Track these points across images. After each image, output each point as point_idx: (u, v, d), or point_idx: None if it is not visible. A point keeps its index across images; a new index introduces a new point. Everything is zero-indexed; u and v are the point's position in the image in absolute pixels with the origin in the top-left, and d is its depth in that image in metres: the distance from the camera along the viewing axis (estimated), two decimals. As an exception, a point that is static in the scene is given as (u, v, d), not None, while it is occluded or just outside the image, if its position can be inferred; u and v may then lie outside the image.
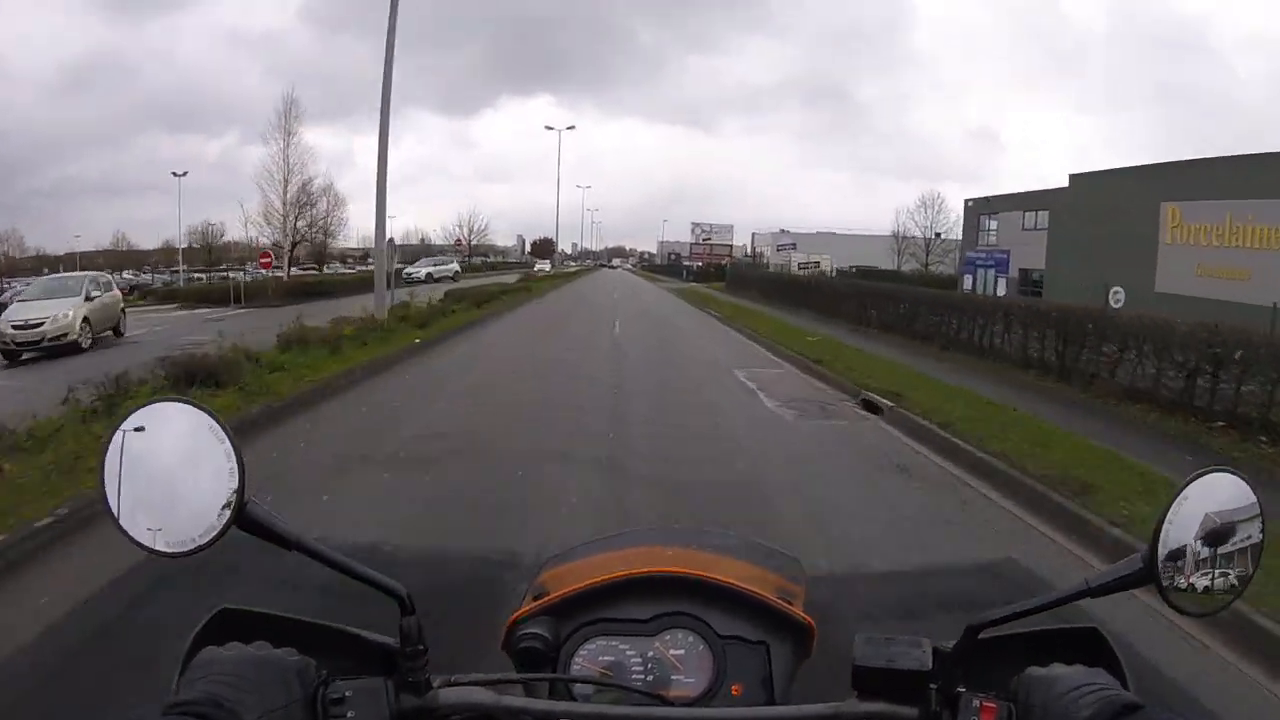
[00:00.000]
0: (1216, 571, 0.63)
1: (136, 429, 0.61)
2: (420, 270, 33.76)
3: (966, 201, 34.47)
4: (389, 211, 11.45)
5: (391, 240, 12.59)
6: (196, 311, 18.60)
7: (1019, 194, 30.74)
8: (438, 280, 31.43)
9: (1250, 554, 0.63)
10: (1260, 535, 0.63)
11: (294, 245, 31.46)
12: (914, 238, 42.78)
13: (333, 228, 37.29)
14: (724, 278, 40.88)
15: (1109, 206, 23.40)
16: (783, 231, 54.33)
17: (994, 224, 32.42)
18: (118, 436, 0.61)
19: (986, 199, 32.88)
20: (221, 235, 35.73)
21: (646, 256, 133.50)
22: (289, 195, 29.71)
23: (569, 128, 41.82)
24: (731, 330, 14.51)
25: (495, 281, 24.39)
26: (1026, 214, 30.63)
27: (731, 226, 58.26)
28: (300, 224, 31.31)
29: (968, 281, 32.96)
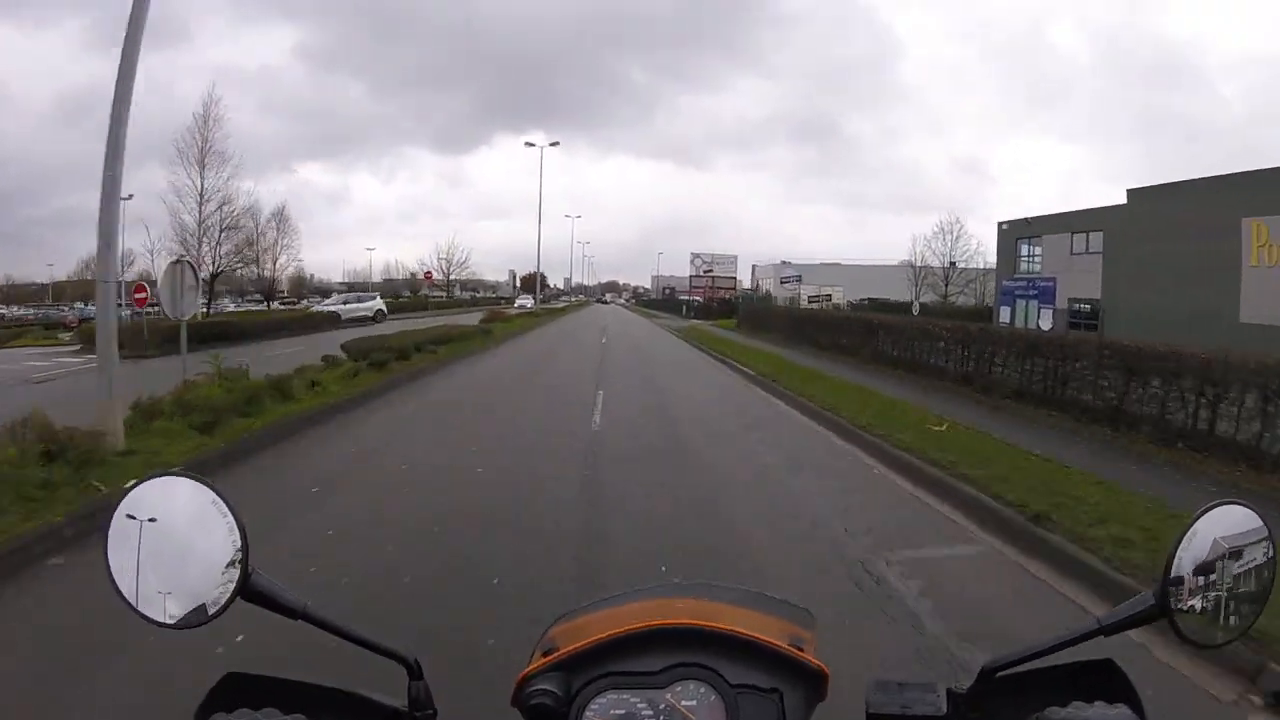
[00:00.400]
0: (1228, 604, 0.62)
1: (141, 505, 0.62)
2: (331, 307, 28.96)
3: (1001, 225, 30.57)
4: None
5: (183, 261, 7.11)
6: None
7: (1064, 214, 26.83)
8: (364, 320, 26.43)
9: (1262, 585, 0.62)
10: (1272, 565, 0.63)
11: (214, 276, 26.59)
12: (930, 267, 39.01)
13: (276, 256, 33.26)
14: (731, 314, 37.77)
15: (1177, 225, 20.30)
16: (784, 263, 50.77)
17: (1036, 249, 28.49)
18: (122, 511, 0.61)
19: (1025, 221, 28.98)
20: (130, 263, 29.63)
21: (641, 291, 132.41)
22: (204, 215, 25.03)
23: (553, 143, 37.67)
24: (790, 408, 9.02)
25: (445, 324, 17.78)
26: (1075, 236, 26.63)
27: (735, 257, 52.82)
28: (223, 249, 26.69)
29: (1004, 314, 28.94)
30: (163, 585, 0.62)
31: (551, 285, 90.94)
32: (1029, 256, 28.47)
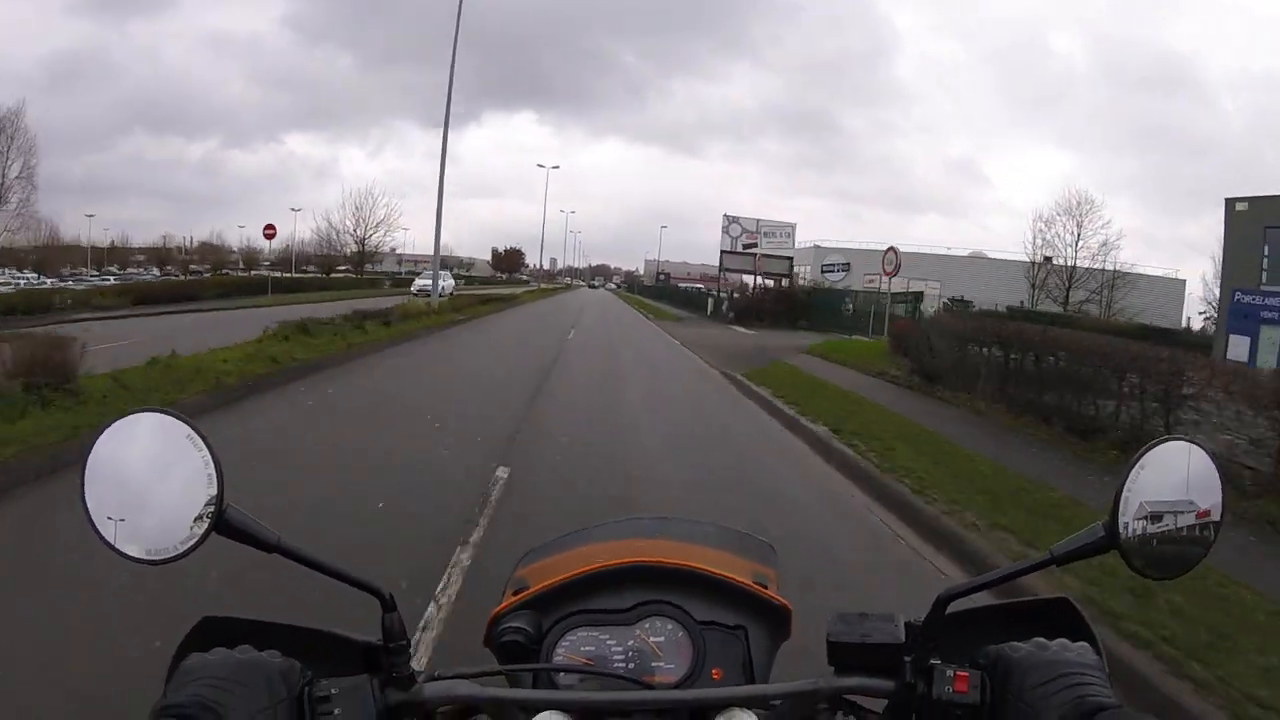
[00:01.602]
0: (1177, 535, 0.65)
1: (117, 441, 0.63)
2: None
3: (1232, 203, 19.59)
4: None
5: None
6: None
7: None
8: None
9: (1210, 517, 0.65)
10: (1220, 499, 0.66)
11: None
12: (1049, 262, 27.86)
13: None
14: (794, 316, 26.10)
15: None
16: (816, 247, 38.78)
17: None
18: (97, 447, 0.62)
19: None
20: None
21: (637, 274, 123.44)
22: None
23: (554, 167, 35.10)
24: None
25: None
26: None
27: (793, 226, 31.93)
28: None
29: (1236, 346, 18.28)
30: (138, 521, 0.62)
31: (531, 265, 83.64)
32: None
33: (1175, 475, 0.66)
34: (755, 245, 30.59)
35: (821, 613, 0.75)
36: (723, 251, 31.02)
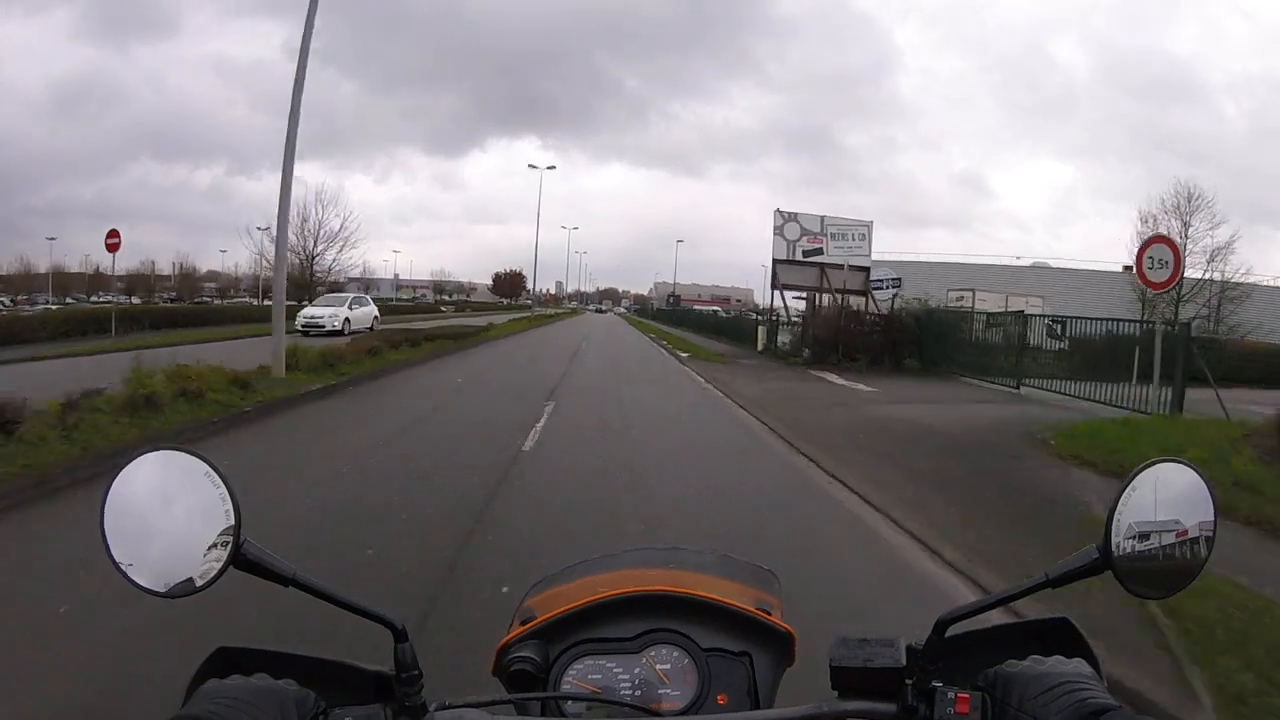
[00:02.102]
0: (1169, 554, 0.66)
1: (137, 478, 0.64)
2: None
3: None
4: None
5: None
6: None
7: None
8: None
9: (1202, 537, 0.66)
10: (1212, 519, 0.66)
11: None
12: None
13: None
14: (912, 353, 18.08)
15: None
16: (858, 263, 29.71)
17: None
18: (116, 485, 0.64)
19: None
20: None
21: (646, 297, 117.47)
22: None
23: (550, 167, 28.59)
24: None
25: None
26: None
27: (869, 225, 21.96)
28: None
29: None
30: (158, 556, 0.64)
31: (531, 290, 77.02)
32: None
33: (1166, 495, 0.67)
34: (819, 251, 21.56)
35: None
36: (775, 261, 21.79)
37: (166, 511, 0.64)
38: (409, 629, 0.69)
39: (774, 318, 22.90)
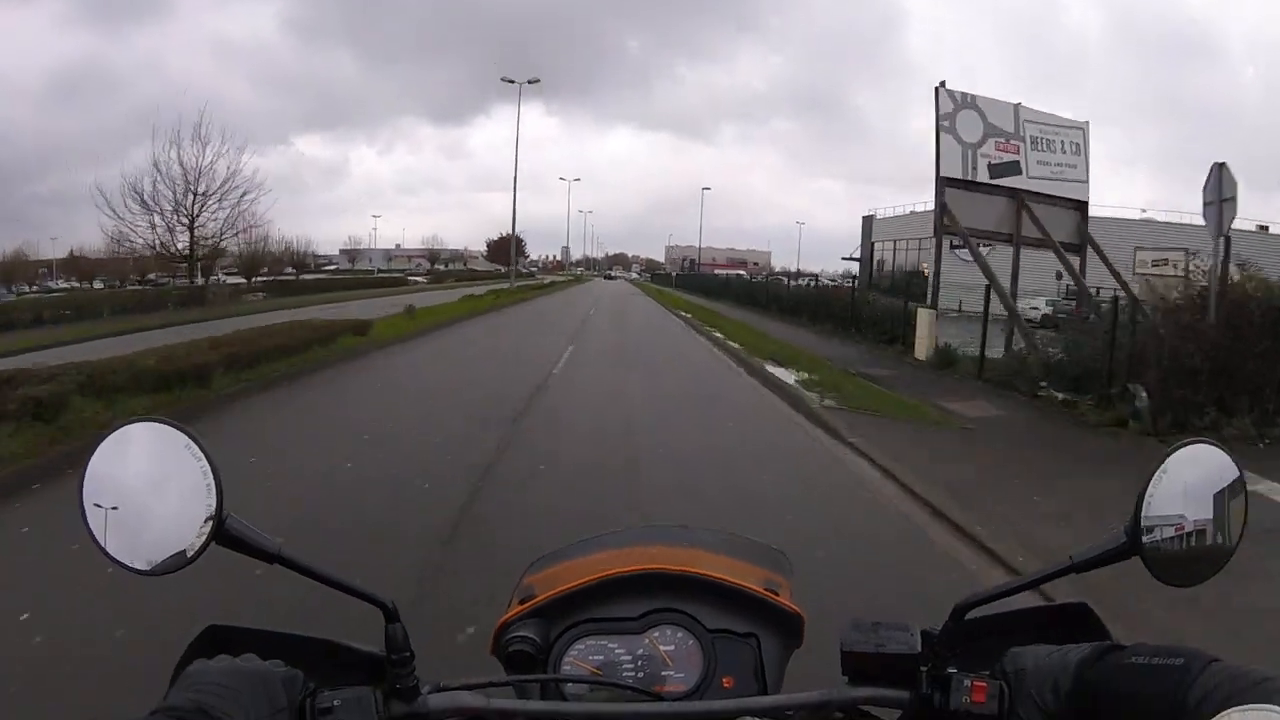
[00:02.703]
0: (1199, 541, 0.64)
1: (115, 452, 0.63)
2: None
3: None
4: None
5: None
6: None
7: None
8: None
9: (1232, 522, 0.65)
10: (1243, 504, 0.65)
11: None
12: None
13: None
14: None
15: None
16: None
17: None
18: (94, 459, 0.63)
19: None
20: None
21: (657, 263, 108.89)
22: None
23: (576, 180, 24.80)
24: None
25: None
26: None
27: (1085, 126, 12.73)
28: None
29: None
30: (138, 532, 0.63)
31: (531, 256, 67.24)
32: None
33: (1196, 479, 0.65)
34: (1015, 168, 12.26)
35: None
36: (945, 182, 12.30)
37: (147, 486, 0.63)
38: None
39: (930, 289, 12.84)
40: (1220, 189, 7.22)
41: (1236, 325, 6.99)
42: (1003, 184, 12.03)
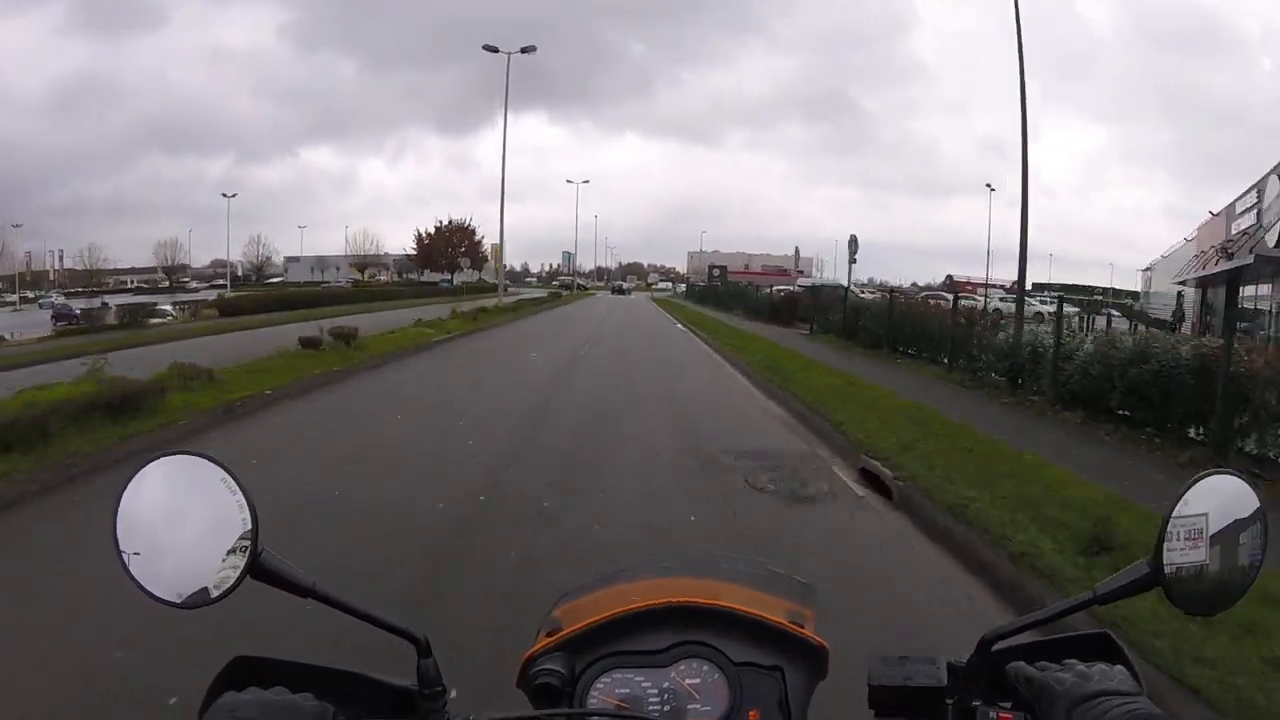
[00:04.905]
0: (1221, 572, 0.67)
1: (151, 483, 0.65)
2: None
3: None
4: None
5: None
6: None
7: None
8: None
9: (1253, 553, 0.67)
10: (1262, 534, 0.67)
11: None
12: None
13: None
14: None
15: None
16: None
17: None
18: (129, 490, 0.65)
19: None
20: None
21: (677, 272, 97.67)
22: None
23: (585, 182, 22.27)
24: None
25: None
26: None
27: None
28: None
29: None
30: (172, 565, 0.64)
31: (510, 266, 54.96)
32: None
33: (1217, 510, 0.67)
34: None
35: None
36: None
37: (181, 519, 0.64)
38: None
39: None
40: None
41: None
42: None
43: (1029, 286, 14.83)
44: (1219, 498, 0.65)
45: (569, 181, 65.63)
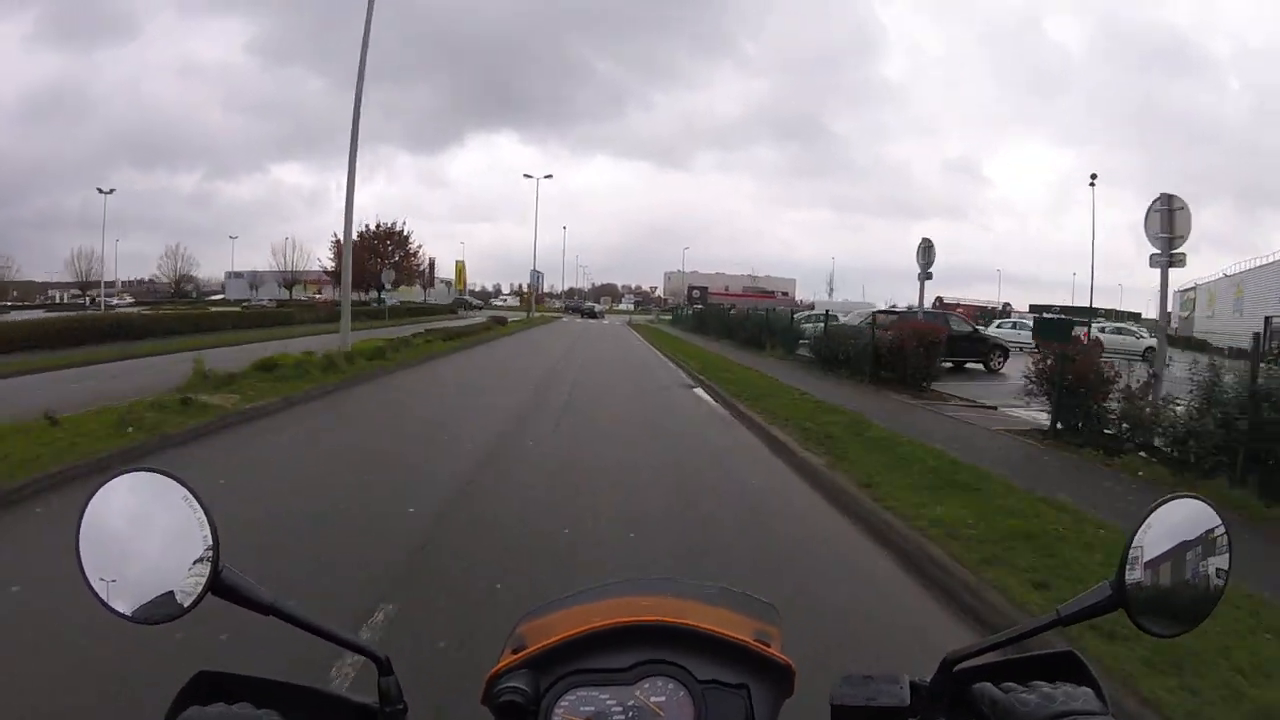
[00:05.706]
0: (1183, 594, 0.67)
1: (113, 500, 0.65)
2: None
3: None
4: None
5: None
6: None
7: None
8: None
9: (1216, 575, 0.68)
10: (1226, 556, 0.68)
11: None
12: None
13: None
14: None
15: None
16: None
17: None
18: (91, 507, 0.65)
19: None
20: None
21: (655, 294, 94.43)
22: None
23: (547, 176, 26.70)
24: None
25: None
26: None
27: None
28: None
29: None
30: (135, 581, 0.64)
31: (482, 285, 49.84)
32: None
33: (1181, 532, 0.67)
34: None
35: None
36: None
37: (144, 535, 0.64)
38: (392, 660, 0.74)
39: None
40: None
41: None
42: None
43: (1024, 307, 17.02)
44: (1181, 520, 0.67)
45: (527, 176, 60.59)
